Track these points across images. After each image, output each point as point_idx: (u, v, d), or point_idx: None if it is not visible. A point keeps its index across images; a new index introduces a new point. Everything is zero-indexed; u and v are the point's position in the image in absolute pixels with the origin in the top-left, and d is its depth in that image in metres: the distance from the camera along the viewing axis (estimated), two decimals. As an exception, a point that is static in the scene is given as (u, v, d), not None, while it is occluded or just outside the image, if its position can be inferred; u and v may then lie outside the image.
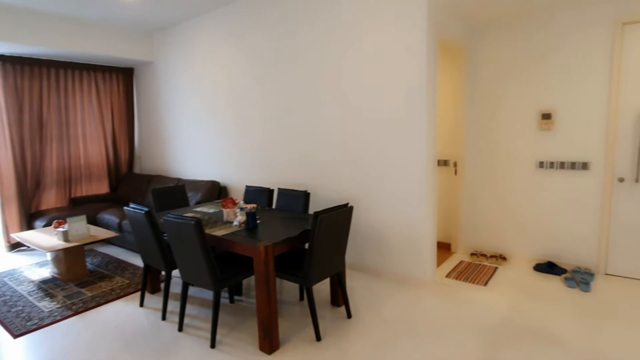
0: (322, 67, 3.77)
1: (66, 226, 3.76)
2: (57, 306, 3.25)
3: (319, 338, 2.61)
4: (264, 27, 4.18)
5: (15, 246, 4.93)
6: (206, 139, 5.05)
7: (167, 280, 3.00)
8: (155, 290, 3.47)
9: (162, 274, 3.90)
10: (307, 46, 3.85)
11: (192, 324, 2.90)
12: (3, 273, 4.09)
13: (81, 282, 3.77)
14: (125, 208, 3.01)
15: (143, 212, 2.82)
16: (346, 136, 3.70)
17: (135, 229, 3.03)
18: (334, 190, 3.87)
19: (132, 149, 6.15)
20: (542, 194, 3.83)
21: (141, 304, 3.23)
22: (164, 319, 2.98)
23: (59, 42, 4.69)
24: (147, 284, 3.44)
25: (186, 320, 2.95)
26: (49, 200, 5.29)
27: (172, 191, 3.92)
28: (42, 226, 4.67)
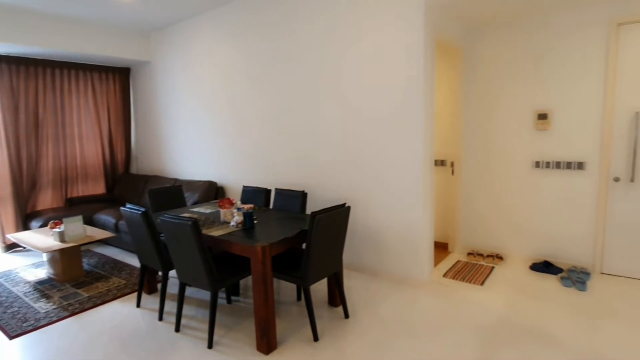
0: (319, 67, 3.77)
1: (62, 227, 3.74)
2: (53, 307, 3.24)
3: (316, 338, 2.61)
4: (261, 27, 4.18)
5: (11, 247, 4.90)
6: (203, 139, 5.04)
7: (164, 280, 2.99)
8: (152, 290, 3.46)
9: (159, 274, 3.89)
10: (304, 46, 3.85)
11: (189, 324, 2.90)
12: (-2, 274, 4.08)
13: (77, 283, 3.76)
14: (122, 208, 3.00)
15: (140, 212, 2.81)
16: (344, 136, 3.70)
17: (132, 230, 3.02)
18: (331, 190, 3.87)
19: (128, 149, 6.13)
20: (539, 194, 3.84)
21: (138, 305, 3.22)
22: (160, 319, 2.97)
23: (55, 42, 4.66)
24: (143, 285, 3.43)
25: (183, 321, 2.94)
26: (45, 200, 5.26)
27: (169, 191, 3.91)
28: (38, 227, 4.65)
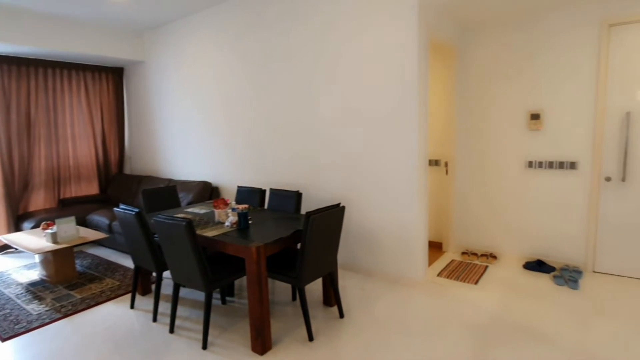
0: (313, 67, 3.77)
1: (55, 228, 3.71)
2: (46, 309, 3.21)
3: (311, 338, 2.61)
4: (256, 26, 4.17)
5: (3, 248, 4.85)
6: (198, 139, 5.02)
7: (158, 281, 2.98)
8: (146, 291, 3.44)
9: (153, 275, 3.87)
10: (299, 46, 3.85)
11: (183, 325, 2.88)
12: (-10, 276, 4.03)
13: (70, 285, 3.73)
14: (115, 209, 2.98)
15: (133, 213, 2.80)
16: (338, 136, 3.71)
17: (126, 230, 3.00)
18: (326, 190, 3.88)
19: (122, 149, 6.09)
20: (531, 193, 3.87)
21: (132, 306, 3.21)
22: (155, 320, 2.96)
23: (48, 41, 4.62)
24: (137, 286, 3.41)
25: (177, 322, 2.93)
26: (37, 201, 5.21)
27: (163, 192, 3.89)
28: (30, 228, 4.60)
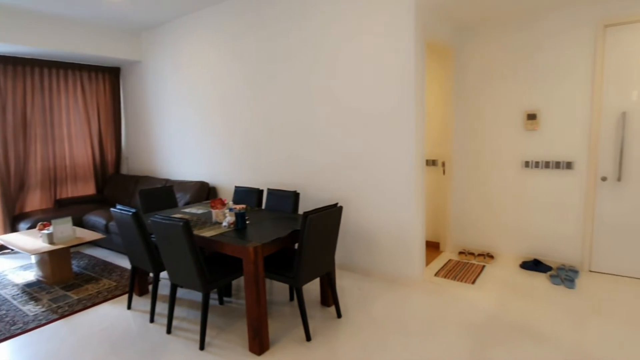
0: (311, 67, 3.77)
1: (51, 228, 3.69)
2: (42, 310, 3.19)
3: (309, 338, 2.61)
4: (254, 26, 4.17)
5: (-2, 249, 4.82)
6: (195, 139, 5.01)
7: (155, 282, 2.97)
8: (143, 292, 3.43)
9: (150, 275, 3.86)
10: (296, 46, 3.85)
11: (180, 326, 2.88)
12: (-15, 277, 4.01)
13: (67, 285, 3.71)
14: (112, 209, 2.97)
15: (130, 213, 2.79)
16: (336, 136, 3.71)
17: (123, 231, 2.99)
18: (323, 190, 3.88)
19: (119, 149, 6.07)
20: (528, 193, 3.89)
21: (129, 307, 3.20)
22: (152, 321, 2.95)
23: (44, 41, 4.60)
24: (134, 286, 3.40)
25: (175, 323, 2.92)
26: (34, 201, 5.18)
27: (160, 192, 3.88)
28: (27, 228, 4.58)
